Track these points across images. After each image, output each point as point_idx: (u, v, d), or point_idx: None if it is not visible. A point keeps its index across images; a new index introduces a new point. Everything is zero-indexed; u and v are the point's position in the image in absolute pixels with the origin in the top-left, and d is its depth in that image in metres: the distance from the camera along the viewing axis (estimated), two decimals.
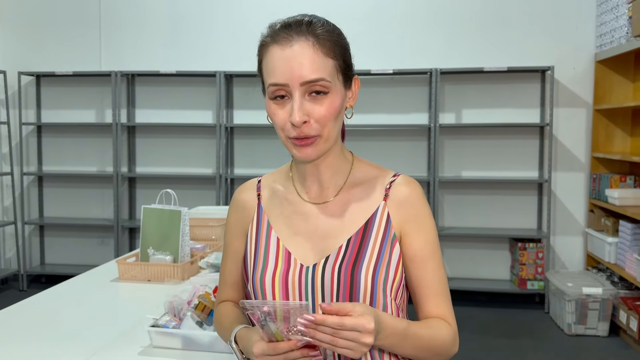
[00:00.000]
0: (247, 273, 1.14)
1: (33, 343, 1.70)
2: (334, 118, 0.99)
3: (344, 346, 0.86)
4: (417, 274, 1.07)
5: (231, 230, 1.20)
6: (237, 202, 1.20)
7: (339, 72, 1.01)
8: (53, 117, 5.26)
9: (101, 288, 2.28)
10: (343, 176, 1.10)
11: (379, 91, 4.77)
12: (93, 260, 5.13)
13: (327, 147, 1.02)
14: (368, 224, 1.06)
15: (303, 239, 1.08)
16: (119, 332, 1.79)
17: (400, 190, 1.09)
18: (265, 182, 1.19)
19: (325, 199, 1.10)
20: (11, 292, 4.98)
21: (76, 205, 5.32)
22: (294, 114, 0.96)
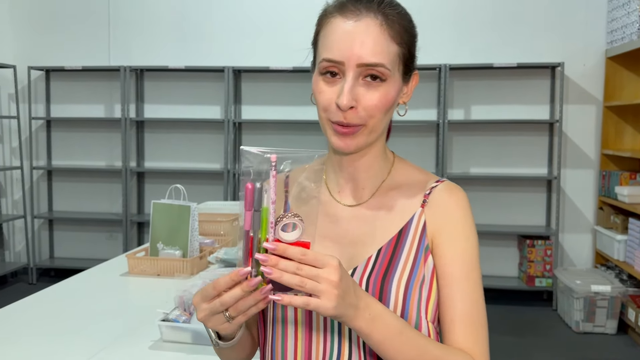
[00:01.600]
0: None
1: (43, 337, 1.70)
2: (384, 110, 0.88)
3: (310, 283, 0.74)
4: (444, 294, 0.92)
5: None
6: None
7: (401, 61, 0.89)
8: (62, 111, 5.29)
9: (111, 282, 2.29)
10: (381, 177, 0.99)
11: None
12: (101, 254, 5.16)
13: (369, 140, 0.91)
14: (402, 233, 0.94)
15: (331, 243, 0.96)
16: (129, 326, 1.80)
17: (440, 196, 0.96)
18: (294, 177, 1.03)
19: (358, 200, 0.98)
20: (21, 286, 5.01)
21: (85, 199, 5.34)
22: (343, 96, 0.84)
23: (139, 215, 5.19)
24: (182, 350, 1.62)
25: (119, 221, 5.13)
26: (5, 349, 1.61)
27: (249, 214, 0.75)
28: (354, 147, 0.90)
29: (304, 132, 4.92)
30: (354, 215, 0.98)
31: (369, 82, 0.86)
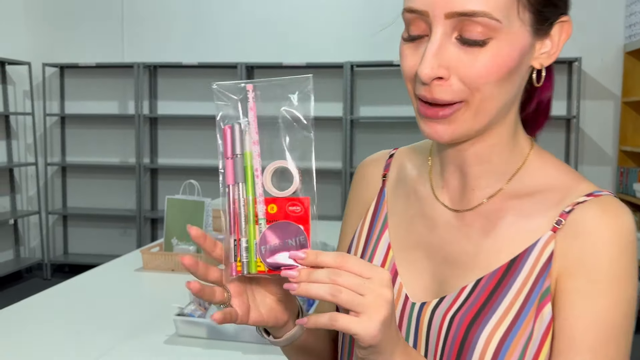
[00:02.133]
0: None
1: (58, 331, 1.70)
2: (497, 79, 0.60)
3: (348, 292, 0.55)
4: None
5: (349, 209, 0.86)
6: (360, 174, 0.86)
7: (522, 7, 0.61)
8: (76, 108, 5.30)
9: (125, 277, 2.29)
10: (503, 176, 0.69)
11: (401, 82, 4.67)
12: (115, 250, 5.17)
13: (475, 125, 0.63)
14: (515, 263, 0.66)
15: (421, 256, 0.73)
16: (144, 320, 1.79)
17: (586, 219, 0.64)
18: (399, 159, 0.81)
19: (466, 204, 0.71)
20: (35, 281, 5.04)
21: (99, 195, 5.36)
22: (423, 62, 0.60)
23: (152, 212, 5.19)
24: (198, 345, 1.60)
25: (132, 217, 5.14)
26: (20, 343, 1.60)
27: (229, 163, 0.60)
28: (448, 135, 0.63)
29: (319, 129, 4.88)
30: (456, 223, 0.71)
31: (468, 43, 0.60)
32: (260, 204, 0.59)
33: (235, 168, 0.60)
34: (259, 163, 0.60)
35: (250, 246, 0.59)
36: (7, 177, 5.10)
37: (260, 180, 0.59)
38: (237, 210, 0.59)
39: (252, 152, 0.60)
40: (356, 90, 4.83)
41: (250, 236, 0.59)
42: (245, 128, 0.60)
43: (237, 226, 0.59)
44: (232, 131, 0.60)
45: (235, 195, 0.60)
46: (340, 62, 4.61)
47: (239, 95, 0.60)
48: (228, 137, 0.61)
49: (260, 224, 0.59)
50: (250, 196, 0.59)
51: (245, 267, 0.59)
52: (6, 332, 1.67)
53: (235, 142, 0.60)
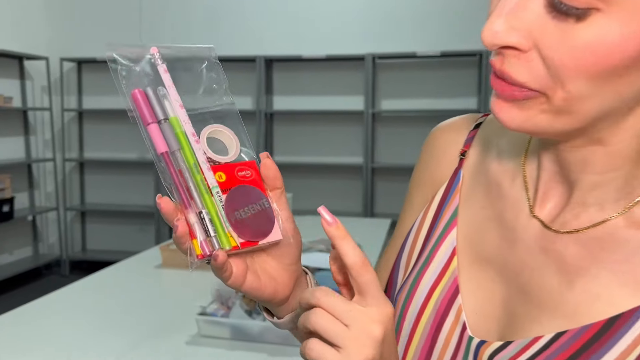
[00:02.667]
0: (397, 263, 0.66)
1: (77, 330, 1.65)
2: (593, 75, 0.42)
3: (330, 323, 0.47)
4: None
5: (413, 187, 0.69)
6: (433, 142, 0.68)
7: None
8: (94, 103, 5.26)
9: (145, 275, 2.24)
10: (624, 196, 0.50)
11: (424, 74, 4.59)
12: (133, 247, 5.13)
13: (562, 126, 0.46)
14: (618, 323, 0.47)
15: (492, 275, 0.56)
16: (165, 320, 1.73)
17: None
18: (486, 133, 0.63)
19: (565, 224, 0.52)
20: (54, 278, 5.01)
21: (117, 191, 5.32)
22: (491, 18, 0.44)
23: None
24: (221, 346, 1.55)
25: (150, 214, 5.09)
26: (39, 341, 1.55)
27: (154, 129, 0.50)
28: (517, 124, 0.46)
29: (339, 124, 4.79)
30: (546, 244, 0.53)
31: (560, 6, 0.40)
32: (208, 171, 0.51)
33: (165, 134, 0.51)
34: (191, 128, 0.51)
35: (214, 219, 0.49)
36: (26, 173, 5.08)
37: (200, 146, 0.51)
38: (186, 180, 0.50)
39: (178, 117, 0.52)
40: (378, 83, 4.72)
41: (209, 208, 0.50)
42: (161, 92, 0.52)
43: (191, 199, 0.50)
44: (147, 95, 0.52)
45: (176, 164, 0.50)
46: (362, 54, 4.50)
47: (140, 60, 0.53)
48: (141, 102, 0.52)
49: (217, 194, 0.50)
50: (193, 164, 0.50)
51: (217, 244, 0.49)
52: (25, 330, 1.62)
53: (154, 107, 0.51)
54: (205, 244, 0.49)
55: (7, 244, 4.81)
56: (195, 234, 0.49)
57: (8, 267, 4.68)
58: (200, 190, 0.50)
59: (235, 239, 0.50)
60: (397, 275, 0.65)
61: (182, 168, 0.50)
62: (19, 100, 4.92)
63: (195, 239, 0.49)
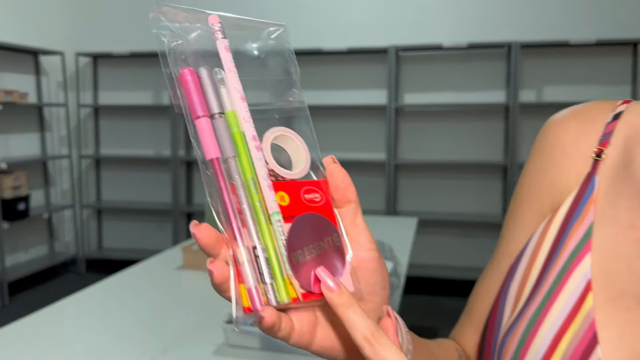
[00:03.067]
0: (503, 295, 0.53)
1: (100, 335, 1.55)
2: None
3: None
4: None
5: (522, 195, 0.56)
6: (551, 139, 0.54)
7: None
8: (110, 98, 5.17)
9: (166, 277, 2.13)
10: None
11: (450, 67, 4.43)
12: (150, 245, 5.04)
13: None
14: None
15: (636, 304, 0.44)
16: (190, 327, 1.62)
17: None
18: (629, 128, 0.50)
19: None
20: (70, 276, 4.93)
21: (133, 189, 5.22)
22: None
23: (188, 205, 5.03)
24: (250, 357, 1.44)
25: (167, 211, 4.99)
26: (56, 348, 1.44)
27: (205, 125, 0.38)
28: None
29: (361, 119, 4.65)
30: None
31: None
32: (269, 190, 0.38)
33: (218, 133, 0.38)
34: (252, 128, 0.39)
35: (271, 258, 0.37)
36: (41, 170, 5.00)
37: (262, 155, 0.39)
38: (239, 200, 0.37)
39: (237, 112, 0.39)
40: (401, 76, 4.57)
41: (266, 242, 0.37)
42: (218, 76, 0.40)
43: (244, 227, 0.37)
44: (199, 78, 0.39)
45: (228, 176, 0.38)
46: (384, 46, 4.35)
47: (194, 29, 0.40)
48: (191, 85, 0.38)
49: (278, 222, 0.38)
50: (251, 178, 0.38)
51: (272, 294, 0.36)
52: (42, 336, 1.52)
53: (207, 95, 0.39)
54: (257, 293, 0.35)
55: (23, 242, 4.74)
56: (243, 278, 0.36)
57: (24, 265, 4.61)
58: (257, 217, 0.37)
59: (296, 288, 0.37)
60: (502, 310, 0.51)
61: (236, 182, 0.37)
62: (34, 96, 4.84)
63: (242, 283, 0.35)
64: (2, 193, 4.17)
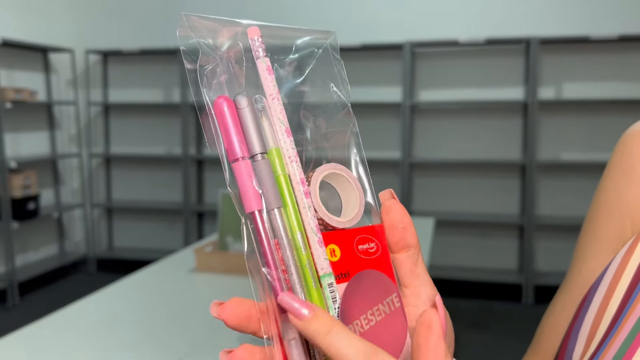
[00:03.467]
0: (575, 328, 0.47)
1: (112, 343, 1.47)
2: None
3: None
4: None
5: (596, 214, 0.51)
6: (630, 150, 0.49)
7: None
8: (120, 96, 5.11)
9: (178, 280, 2.06)
10: None
11: (467, 63, 4.33)
12: (161, 244, 4.98)
13: None
14: None
15: None
16: (204, 334, 1.55)
17: None
18: None
19: None
20: (80, 276, 4.88)
21: (144, 188, 5.17)
22: None
23: (199, 205, 4.97)
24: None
25: (178, 211, 4.93)
26: (67, 356, 1.37)
27: (244, 167, 0.32)
28: None
29: (375, 116, 4.55)
30: None
31: None
32: (320, 245, 0.32)
33: (261, 178, 0.32)
34: (300, 170, 0.33)
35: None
36: (51, 169, 4.95)
37: (310, 202, 0.32)
38: (284, 265, 0.31)
39: (281, 150, 0.33)
40: (417, 73, 4.47)
41: None
42: (259, 105, 0.33)
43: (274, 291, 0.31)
44: (237, 110, 0.32)
45: (271, 233, 0.31)
46: (399, 42, 4.25)
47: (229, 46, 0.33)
48: (229, 121, 0.32)
49: (330, 286, 0.32)
50: (299, 234, 0.31)
51: None
52: (51, 342, 1.45)
53: (248, 131, 0.32)
54: None
55: (33, 241, 4.70)
56: (290, 356, 0.29)
57: (34, 265, 4.56)
58: (306, 283, 0.30)
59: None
60: (572, 346, 0.45)
61: (282, 241, 0.31)
62: (44, 94, 4.80)
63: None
64: (12, 192, 4.12)
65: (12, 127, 4.39)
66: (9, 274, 4.08)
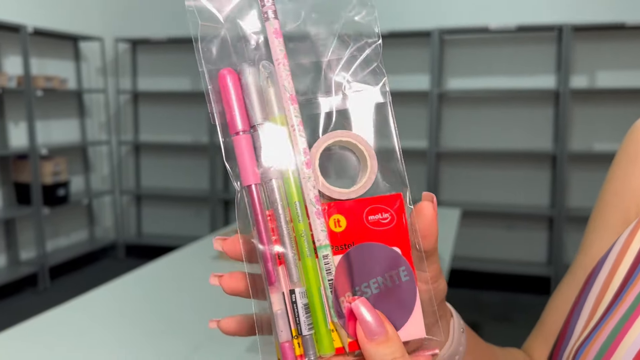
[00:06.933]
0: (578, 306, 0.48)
1: (134, 327, 1.50)
2: None
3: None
4: None
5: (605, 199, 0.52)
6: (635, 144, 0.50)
7: None
8: (149, 84, 5.16)
9: (201, 267, 2.07)
10: None
11: (497, 50, 4.24)
12: (188, 231, 5.04)
13: None
14: None
15: None
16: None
17: None
18: None
19: None
20: (109, 261, 4.98)
21: (172, 175, 5.22)
22: None
23: (225, 193, 5.00)
24: None
25: (205, 198, 4.97)
26: (90, 339, 1.39)
27: (244, 141, 0.32)
28: None
29: (401, 105, 4.50)
30: None
31: None
32: (318, 217, 0.31)
33: (259, 151, 0.32)
34: (304, 139, 0.32)
35: (313, 303, 0.31)
36: (81, 156, 5.04)
37: (311, 171, 0.31)
38: (279, 233, 0.31)
39: (291, 114, 0.32)
40: (445, 60, 4.39)
41: (310, 283, 0.31)
42: (266, 70, 0.32)
43: (282, 266, 0.31)
44: (239, 80, 0.32)
45: (267, 202, 0.32)
46: (428, 29, 4.18)
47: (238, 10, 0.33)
48: (231, 94, 0.32)
49: (325, 257, 0.31)
50: (298, 204, 0.31)
51: (310, 347, 0.31)
52: (75, 325, 1.47)
53: (251, 102, 0.32)
54: (289, 350, 0.30)
55: (64, 227, 4.80)
56: (275, 330, 0.31)
57: (64, 250, 4.67)
58: (301, 252, 0.31)
59: (342, 337, 0.30)
60: (575, 321, 0.46)
61: (276, 212, 0.31)
62: (74, 82, 4.87)
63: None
64: (42, 179, 4.21)
65: (43, 115, 4.47)
66: (40, 258, 4.18)
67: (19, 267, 4.19)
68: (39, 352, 1.35)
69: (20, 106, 4.16)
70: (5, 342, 1.39)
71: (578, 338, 0.45)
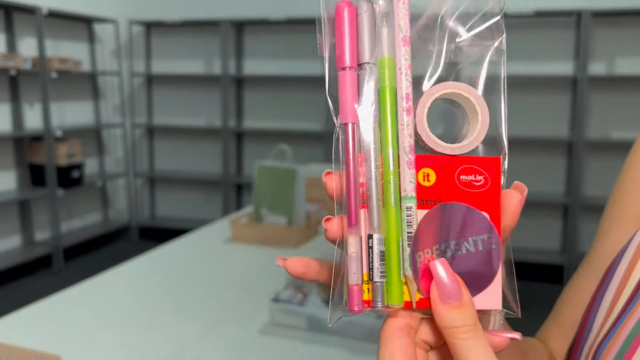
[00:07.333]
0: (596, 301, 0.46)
1: (147, 308, 1.52)
2: None
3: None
4: None
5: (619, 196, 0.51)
6: None
7: None
8: (163, 67, 5.16)
9: (214, 249, 2.09)
10: None
11: (514, 36, 4.17)
12: (201, 214, 5.06)
13: None
14: None
15: None
16: (235, 304, 1.58)
17: None
18: None
19: None
20: (123, 243, 5.02)
21: (185, 158, 5.24)
22: None
23: (238, 177, 5.01)
24: (296, 338, 1.38)
25: (218, 182, 4.98)
26: (104, 319, 1.40)
27: (349, 79, 0.31)
28: None
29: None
30: None
31: None
32: (409, 167, 0.30)
33: (363, 89, 0.31)
34: (409, 84, 0.31)
35: (389, 252, 0.30)
36: (96, 138, 5.07)
37: (412, 119, 0.31)
38: (365, 178, 0.31)
39: (395, 59, 0.31)
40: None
41: (389, 232, 0.30)
42: (381, 11, 0.31)
43: (365, 210, 0.31)
44: (356, 15, 0.32)
45: (359, 145, 0.31)
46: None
47: None
48: (346, 26, 0.31)
49: (409, 209, 0.31)
50: (391, 150, 0.30)
51: (379, 294, 0.30)
52: (88, 307, 1.48)
53: (362, 38, 0.31)
54: (357, 293, 0.30)
55: (78, 209, 4.84)
56: (347, 272, 0.30)
57: (78, 232, 4.71)
58: (386, 199, 0.30)
59: (411, 292, 0.30)
60: (594, 316, 0.45)
61: (368, 154, 0.31)
62: (88, 64, 4.88)
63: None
64: (57, 160, 4.24)
65: (57, 97, 4.50)
66: (54, 239, 4.22)
67: (33, 247, 4.24)
68: (53, 331, 1.36)
69: (35, 88, 4.19)
70: (19, 321, 1.41)
71: (597, 334, 0.43)
